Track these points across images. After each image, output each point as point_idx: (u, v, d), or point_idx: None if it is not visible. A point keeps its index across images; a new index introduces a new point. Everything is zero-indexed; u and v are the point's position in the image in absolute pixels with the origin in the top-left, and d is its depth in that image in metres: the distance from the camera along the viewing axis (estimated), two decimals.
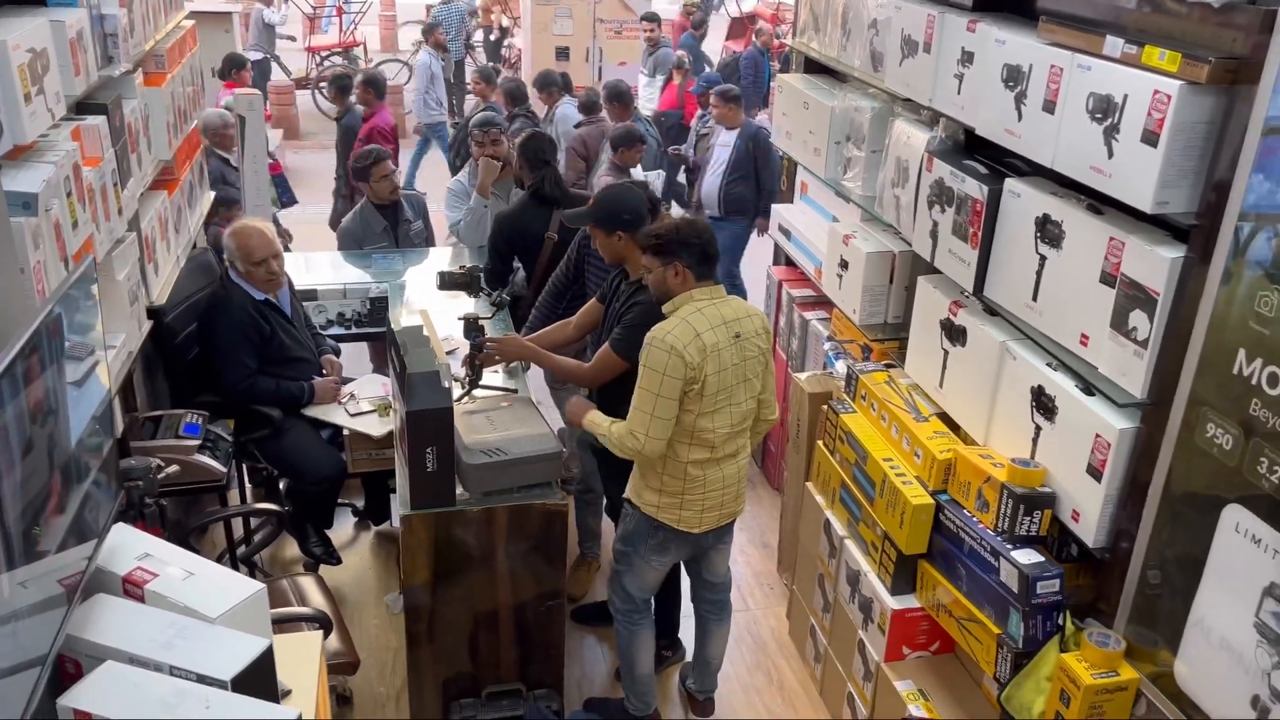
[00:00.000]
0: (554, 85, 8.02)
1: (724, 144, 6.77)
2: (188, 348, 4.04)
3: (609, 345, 3.35)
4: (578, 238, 4.02)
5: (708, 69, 13.30)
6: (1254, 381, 2.09)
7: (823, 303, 4.51)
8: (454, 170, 7.54)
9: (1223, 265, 2.17)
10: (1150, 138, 2.27)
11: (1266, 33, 2.03)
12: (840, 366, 3.93)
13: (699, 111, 8.32)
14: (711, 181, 6.74)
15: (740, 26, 14.80)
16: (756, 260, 7.02)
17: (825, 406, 3.70)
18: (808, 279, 4.65)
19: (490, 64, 10.47)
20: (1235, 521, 2.17)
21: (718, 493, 3.20)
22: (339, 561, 4.25)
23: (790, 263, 4.94)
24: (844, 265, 3.92)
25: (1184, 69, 2.19)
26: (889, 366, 3.63)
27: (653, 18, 10.48)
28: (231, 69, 8.03)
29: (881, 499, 3.20)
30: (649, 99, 10.14)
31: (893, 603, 3.21)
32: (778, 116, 4.66)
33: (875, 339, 3.85)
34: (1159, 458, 2.38)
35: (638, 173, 6.40)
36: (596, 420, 3.18)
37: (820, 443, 3.75)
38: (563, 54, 10.55)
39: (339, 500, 4.32)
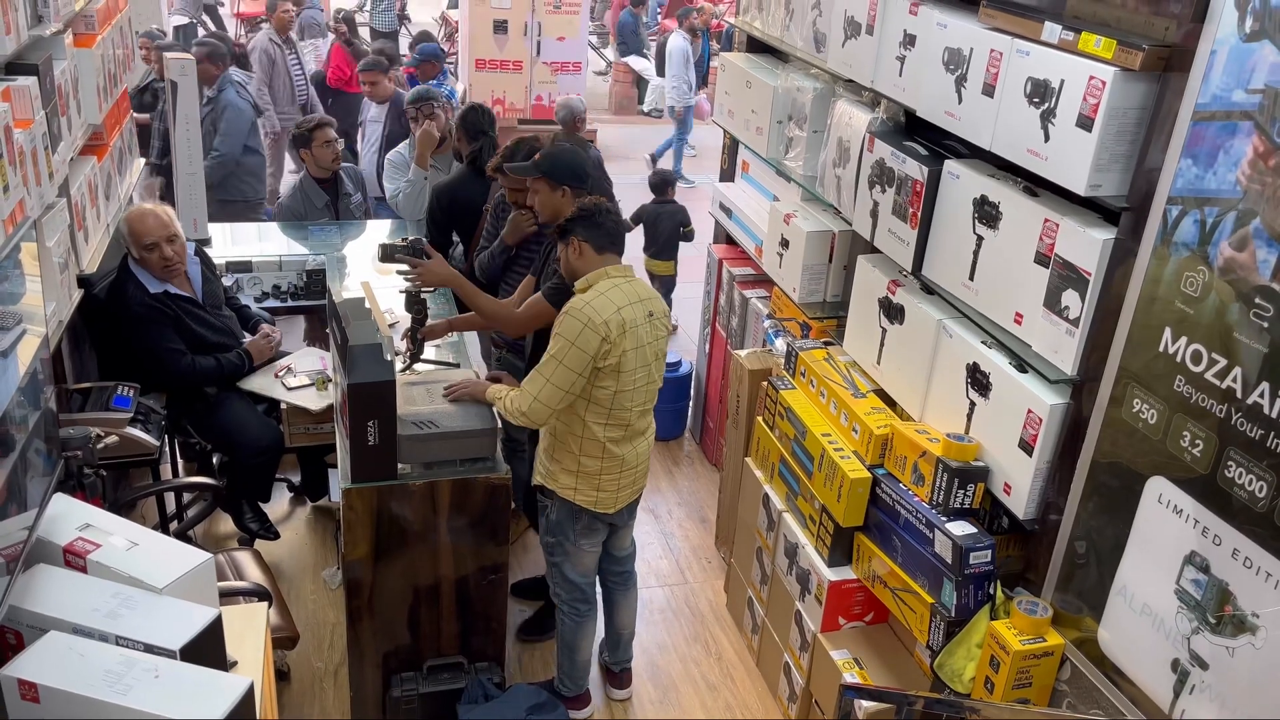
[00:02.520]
0: (222, 58, 6.59)
1: (374, 119, 6.05)
2: (111, 324, 3.91)
3: (542, 293, 3.38)
4: (493, 208, 4.01)
5: (645, 48, 13.31)
6: (1179, 359, 2.19)
7: (763, 281, 4.56)
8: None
9: (1151, 247, 2.26)
10: (1085, 122, 2.35)
11: (1198, 22, 2.11)
12: (780, 344, 3.98)
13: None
14: (369, 161, 5.99)
15: (679, 3, 14.79)
16: None
17: (765, 383, 3.76)
18: (748, 257, 4.70)
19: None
20: (1158, 493, 2.27)
21: (632, 470, 3.24)
22: (276, 536, 4.20)
23: (731, 241, 4.98)
24: (784, 244, 3.97)
25: (1119, 56, 2.26)
26: (828, 344, 3.69)
27: None
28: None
29: (820, 473, 3.27)
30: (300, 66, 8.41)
31: (829, 574, 3.28)
32: (720, 95, 4.69)
33: (814, 317, 3.91)
34: (1087, 433, 2.48)
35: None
36: (498, 392, 3.17)
37: (760, 419, 3.81)
38: (501, 27, 10.39)
39: (275, 476, 4.25)
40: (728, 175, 5.14)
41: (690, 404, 5.48)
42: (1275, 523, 1.98)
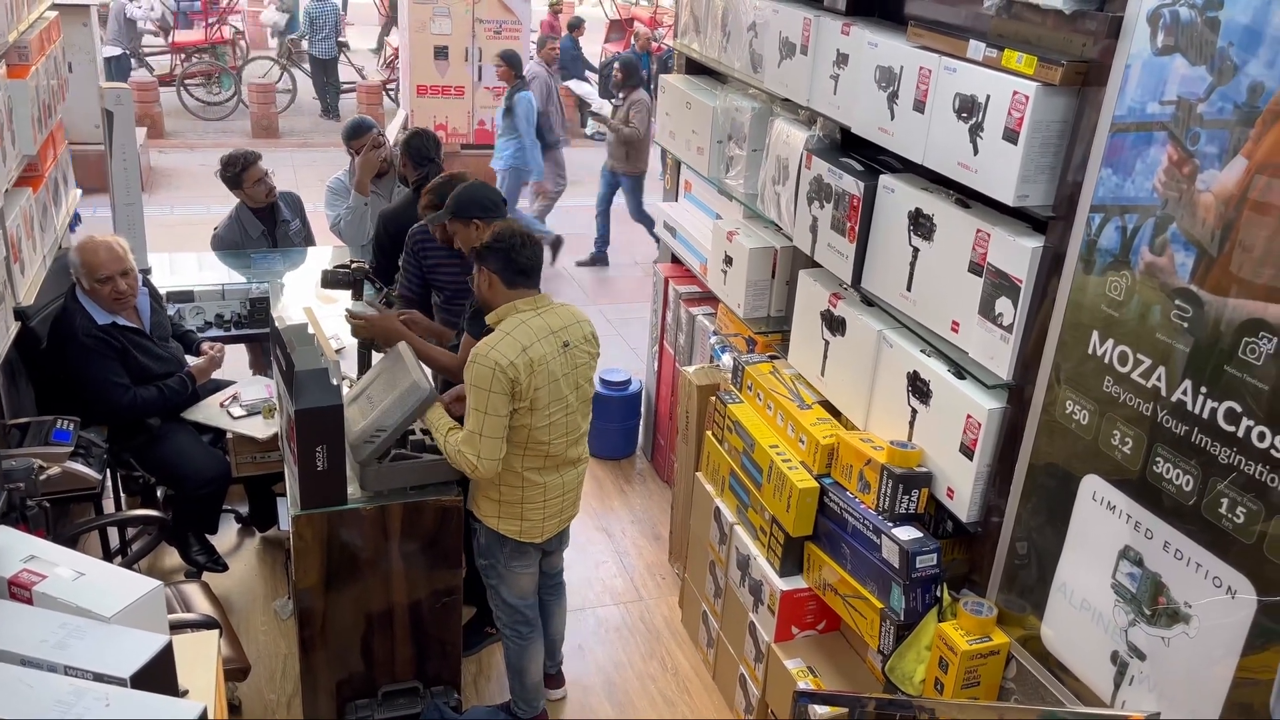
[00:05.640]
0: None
1: None
2: (53, 355, 3.85)
3: (468, 333, 3.39)
4: (408, 244, 4.02)
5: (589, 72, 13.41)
6: (1106, 360, 2.27)
7: (708, 298, 4.62)
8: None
9: (1077, 254, 2.35)
10: (1011, 135, 2.44)
11: (1113, 38, 2.21)
12: (726, 359, 4.04)
13: None
14: None
15: (619, 29, 14.96)
16: None
17: (713, 398, 3.80)
18: (693, 275, 4.75)
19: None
20: (1092, 491, 2.35)
21: (557, 500, 3.24)
22: (225, 568, 4.14)
23: (676, 259, 5.04)
24: (728, 261, 4.03)
25: (1039, 71, 2.35)
26: (773, 358, 3.75)
27: None
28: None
29: (769, 484, 3.31)
30: None
31: (781, 584, 3.33)
32: (661, 117, 4.75)
33: (759, 331, 3.97)
34: (1024, 435, 2.56)
35: None
36: (437, 420, 3.11)
37: (709, 433, 3.85)
38: (441, 53, 10.41)
39: (222, 507, 4.20)
40: (671, 195, 5.21)
41: (641, 422, 5.51)
42: (1203, 515, 2.06)
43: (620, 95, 8.39)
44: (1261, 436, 1.92)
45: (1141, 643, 2.24)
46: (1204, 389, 2.04)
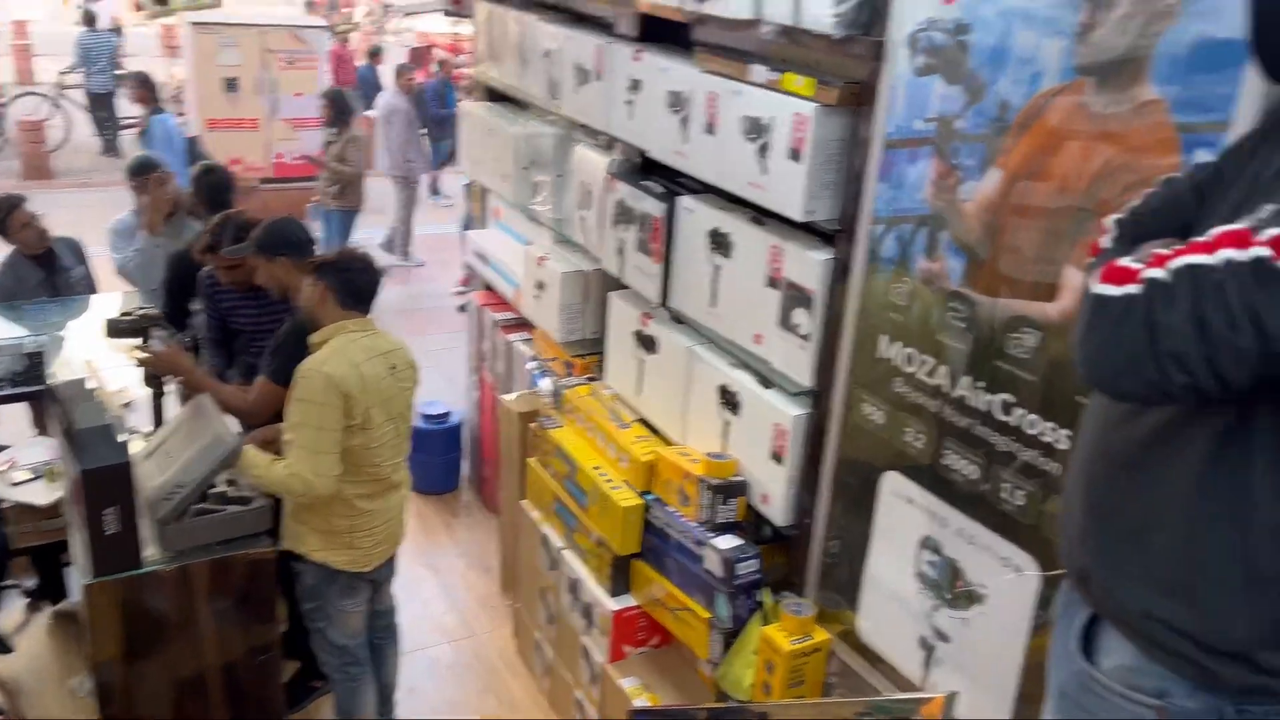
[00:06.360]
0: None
1: None
2: None
3: (264, 374, 3.29)
4: (201, 289, 3.87)
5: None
6: (894, 362, 2.41)
7: (523, 324, 4.60)
8: None
9: (863, 264, 2.48)
10: (795, 154, 2.55)
11: (878, 60, 2.35)
12: (545, 384, 4.03)
13: None
14: None
15: (420, 56, 14.78)
16: None
17: (534, 424, 3.79)
18: (507, 302, 4.73)
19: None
20: (892, 486, 2.48)
21: (383, 526, 3.17)
22: (8, 650, 3.77)
23: (490, 287, 5.00)
24: (540, 286, 4.04)
25: (818, 93, 2.48)
26: (591, 380, 3.78)
27: None
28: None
29: (594, 506, 3.32)
30: None
31: (611, 604, 3.34)
32: (464, 144, 4.72)
33: (576, 355, 3.99)
34: (828, 438, 2.67)
35: None
36: (254, 460, 2.96)
37: (532, 460, 3.83)
38: (231, 85, 9.98)
39: (4, 583, 3.85)
40: (479, 223, 5.17)
41: (463, 455, 5.43)
42: (988, 501, 2.21)
43: (335, 130, 7.78)
44: (1032, 424, 2.08)
45: (945, 626, 2.37)
46: (981, 383, 2.19)
